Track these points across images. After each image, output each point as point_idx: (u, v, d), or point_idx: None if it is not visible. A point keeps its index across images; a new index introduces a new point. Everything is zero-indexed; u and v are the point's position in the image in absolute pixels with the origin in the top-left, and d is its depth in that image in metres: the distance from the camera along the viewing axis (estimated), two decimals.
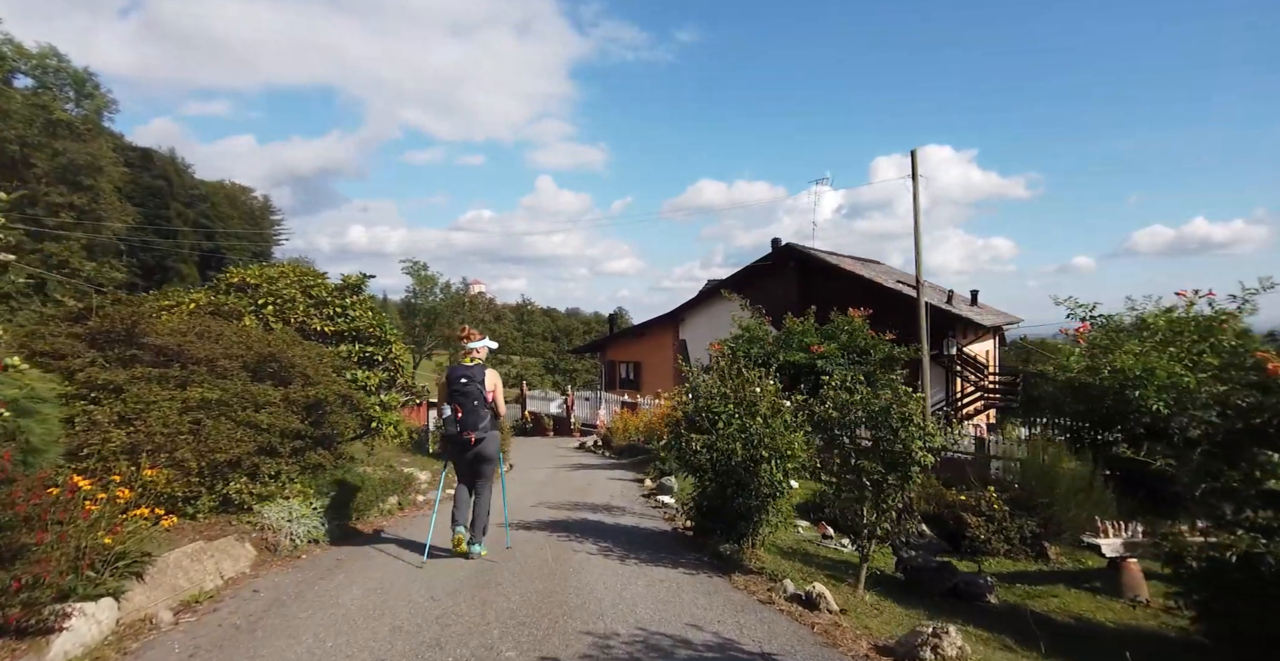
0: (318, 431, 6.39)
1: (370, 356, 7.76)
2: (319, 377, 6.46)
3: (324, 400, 6.28)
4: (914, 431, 3.90)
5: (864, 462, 3.96)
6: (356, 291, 8.00)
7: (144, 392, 5.18)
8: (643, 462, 14.01)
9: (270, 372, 6.25)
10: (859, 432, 4.47)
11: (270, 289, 7.39)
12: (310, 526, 5.81)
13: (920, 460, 3.89)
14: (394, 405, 7.87)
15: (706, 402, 5.36)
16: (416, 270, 49.10)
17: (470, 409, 4.91)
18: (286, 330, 6.97)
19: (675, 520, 7.34)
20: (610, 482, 11.06)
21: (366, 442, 8.23)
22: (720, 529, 5.15)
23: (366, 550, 5.79)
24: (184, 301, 7.15)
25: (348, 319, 7.70)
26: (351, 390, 6.90)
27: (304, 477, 6.31)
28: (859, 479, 4.16)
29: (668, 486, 9.21)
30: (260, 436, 5.64)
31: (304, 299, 7.52)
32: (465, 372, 4.99)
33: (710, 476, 5.06)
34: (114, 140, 44.43)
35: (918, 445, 3.87)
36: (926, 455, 3.90)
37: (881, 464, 3.94)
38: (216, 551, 4.83)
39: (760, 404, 5.28)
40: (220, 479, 5.43)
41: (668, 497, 8.79)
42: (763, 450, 5.02)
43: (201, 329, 6.09)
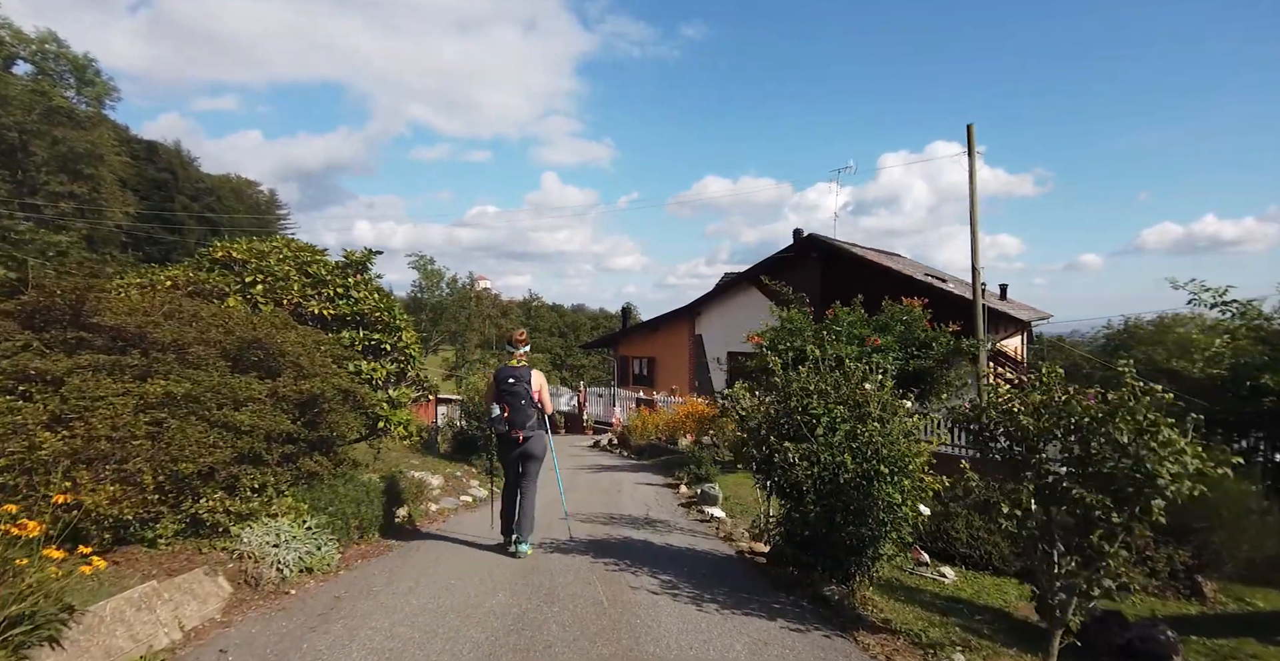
0: (313, 433, 5.23)
1: (377, 345, 6.59)
2: (315, 369, 5.28)
3: (321, 396, 5.11)
4: (1156, 448, 2.69)
5: (1076, 491, 2.77)
6: (361, 270, 6.81)
7: (90, 386, 4.00)
8: (668, 464, 12.83)
9: (255, 362, 5.07)
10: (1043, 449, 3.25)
11: (260, 265, 6.22)
12: (303, 551, 4.64)
13: (1168, 489, 2.68)
14: (404, 402, 6.71)
15: (801, 402, 4.17)
16: (423, 264, 47.96)
17: (517, 408, 4.93)
18: (278, 312, 5.80)
19: (736, 540, 6.16)
20: (640, 488, 9.88)
21: (372, 444, 7.07)
22: (823, 564, 3.98)
23: (371, 581, 4.62)
24: (159, 279, 5.97)
25: (350, 301, 6.52)
26: (354, 384, 5.74)
27: (296, 490, 5.15)
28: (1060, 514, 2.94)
29: (711, 496, 8.03)
30: (240, 440, 4.47)
31: (299, 277, 6.34)
32: (513, 373, 5.03)
33: (812, 497, 3.89)
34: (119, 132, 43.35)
35: (1168, 467, 2.66)
36: (1182, 480, 2.69)
37: (1100, 493, 2.75)
38: (176, 592, 3.66)
39: (870, 404, 4.09)
40: (187, 495, 4.26)
41: (715, 510, 7.61)
42: (880, 464, 3.84)
43: (170, 308, 4.91)
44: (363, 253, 6.80)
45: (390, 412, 6.40)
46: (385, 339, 6.57)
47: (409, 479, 7.63)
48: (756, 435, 4.50)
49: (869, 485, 3.84)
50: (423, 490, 7.59)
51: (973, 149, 11.19)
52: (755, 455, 4.48)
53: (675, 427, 15.41)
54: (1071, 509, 2.88)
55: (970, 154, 11.21)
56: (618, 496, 8.96)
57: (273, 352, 5.03)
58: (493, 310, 49.85)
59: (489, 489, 9.55)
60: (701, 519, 7.36)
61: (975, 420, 3.35)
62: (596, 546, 5.72)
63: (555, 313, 62.58)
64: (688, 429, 15.12)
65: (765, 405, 4.59)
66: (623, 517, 7.26)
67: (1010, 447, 3.16)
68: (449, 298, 48.24)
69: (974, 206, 11.29)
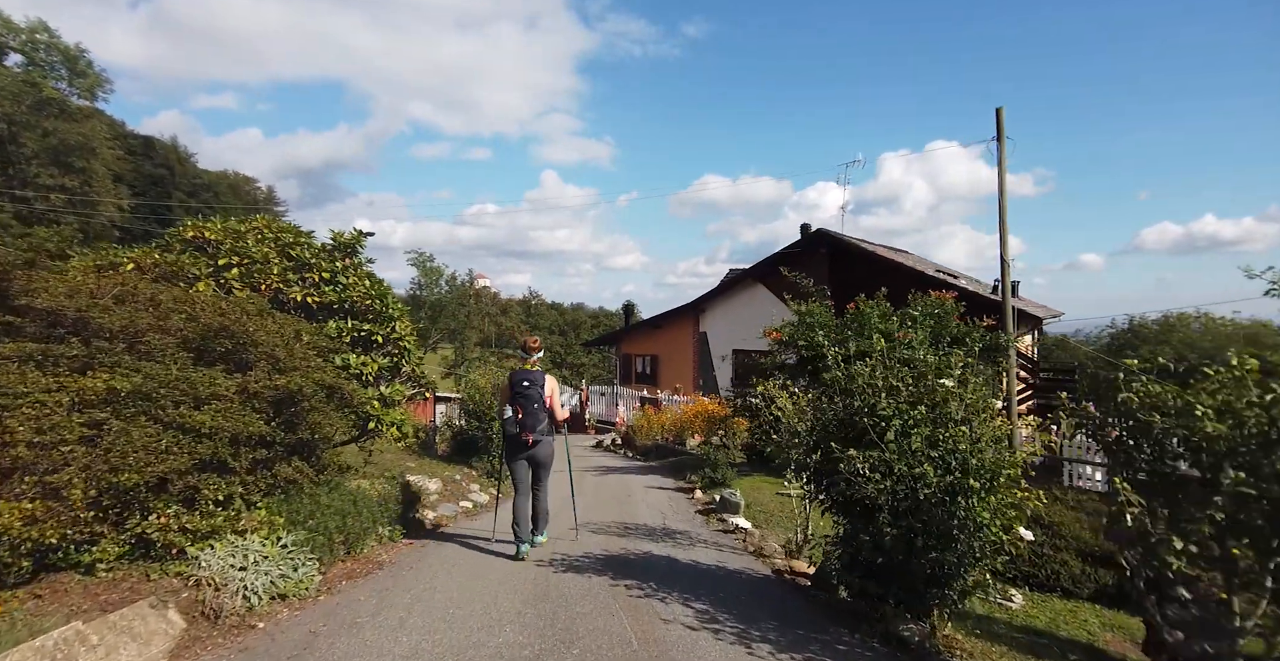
0: (291, 435, 4.51)
1: (367, 336, 5.86)
2: (294, 362, 4.56)
3: (300, 392, 4.39)
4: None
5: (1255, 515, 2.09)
6: (350, 253, 6.08)
7: (12, 380, 3.28)
8: (678, 466, 12.13)
9: (223, 353, 4.35)
10: None
11: (235, 247, 5.48)
12: (275, 574, 3.92)
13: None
14: (398, 400, 5.98)
15: (868, 401, 3.47)
16: (422, 261, 47.11)
17: (530, 411, 4.89)
18: (254, 298, 5.07)
19: (769, 556, 5.45)
20: (651, 493, 9.18)
21: (363, 447, 6.35)
22: (896, 596, 3.29)
23: (355, 610, 3.90)
24: (120, 260, 5.24)
25: (338, 288, 5.79)
26: (340, 379, 5.01)
27: (271, 502, 4.42)
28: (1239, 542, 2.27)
29: (732, 503, 7.33)
30: (201, 445, 3.75)
31: (280, 261, 5.61)
32: (527, 376, 5.01)
33: (887, 516, 3.19)
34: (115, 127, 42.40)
35: None
36: None
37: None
38: (109, 633, 2.94)
39: (950, 403, 3.40)
40: (134, 510, 3.54)
41: (738, 519, 6.90)
42: (969, 477, 3.14)
43: (123, 291, 4.18)
44: (352, 234, 6.06)
45: (382, 412, 5.68)
46: (377, 329, 5.84)
47: (403, 485, 6.92)
48: (809, 440, 3.79)
49: (953, 501, 3.15)
50: (419, 496, 6.88)
51: (1002, 134, 10.50)
52: (808, 464, 3.77)
53: (683, 427, 14.71)
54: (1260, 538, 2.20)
55: (999, 139, 10.51)
56: (629, 502, 8.26)
57: (243, 343, 4.30)
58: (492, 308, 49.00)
59: (492, 494, 8.88)
60: (725, 529, 6.65)
61: (1132, 427, 2.63)
62: (614, 564, 5.02)
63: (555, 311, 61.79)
64: (696, 429, 14.42)
65: (819, 405, 3.88)
66: (638, 528, 6.56)
67: (1173, 462, 2.47)
68: (448, 295, 47.39)
69: (1003, 196, 10.59)
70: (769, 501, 8.18)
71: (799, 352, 9.79)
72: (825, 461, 3.62)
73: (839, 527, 3.79)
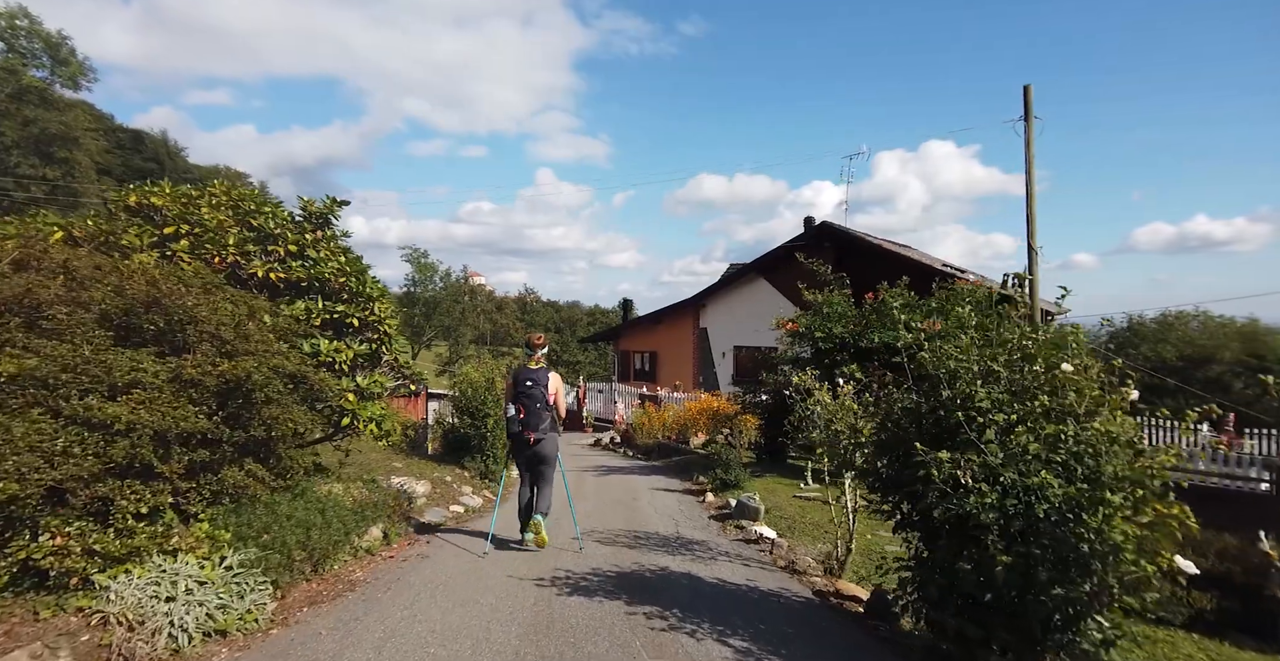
0: (242, 433, 3.70)
1: (341, 319, 5.05)
2: (246, 344, 3.76)
3: (252, 381, 3.59)
4: None
5: None
6: (322, 224, 5.27)
7: None
8: (683, 466, 11.37)
9: (155, 334, 3.54)
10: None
11: (184, 213, 4.66)
12: (214, 605, 3.12)
13: None
14: (378, 392, 5.17)
15: (962, 389, 2.71)
16: (416, 258, 46.20)
17: (533, 410, 4.84)
18: (203, 271, 4.25)
19: (805, 573, 4.68)
20: (659, 496, 8.40)
21: (338, 446, 5.55)
22: (1003, 642, 2.52)
23: (312, 650, 3.10)
24: (50, 229, 4.41)
25: (307, 263, 4.99)
26: (305, 367, 4.21)
27: (216, 513, 3.63)
28: None
29: (751, 508, 6.56)
30: (115, 444, 2.95)
31: (239, 230, 4.80)
32: (531, 376, 4.92)
33: (997, 540, 2.42)
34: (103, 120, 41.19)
35: None
36: None
37: None
38: None
39: (1068, 394, 2.63)
40: (23, 528, 2.74)
41: (760, 527, 6.13)
42: (1103, 489, 2.39)
43: (24, 254, 3.37)
44: (325, 202, 5.25)
45: (358, 405, 4.88)
46: (353, 311, 5.03)
47: (386, 488, 6.11)
48: (875, 440, 3.02)
49: (1079, 520, 2.39)
50: (403, 501, 6.08)
51: (1030, 113, 9.79)
52: (875, 470, 3.00)
53: (686, 425, 13.95)
54: None
55: (1027, 118, 9.80)
56: (636, 506, 7.49)
57: (180, 320, 3.49)
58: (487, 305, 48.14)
59: (486, 496, 8.09)
60: (746, 539, 5.88)
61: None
62: (628, 583, 4.24)
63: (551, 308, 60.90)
64: (700, 427, 13.67)
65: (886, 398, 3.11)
66: (650, 537, 5.78)
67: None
68: (442, 292, 46.47)
69: (1031, 179, 9.88)
70: (788, 506, 7.43)
71: (815, 345, 9.06)
72: (901, 467, 2.86)
73: (911, 547, 3.02)
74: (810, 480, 8.84)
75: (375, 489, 5.65)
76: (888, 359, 8.56)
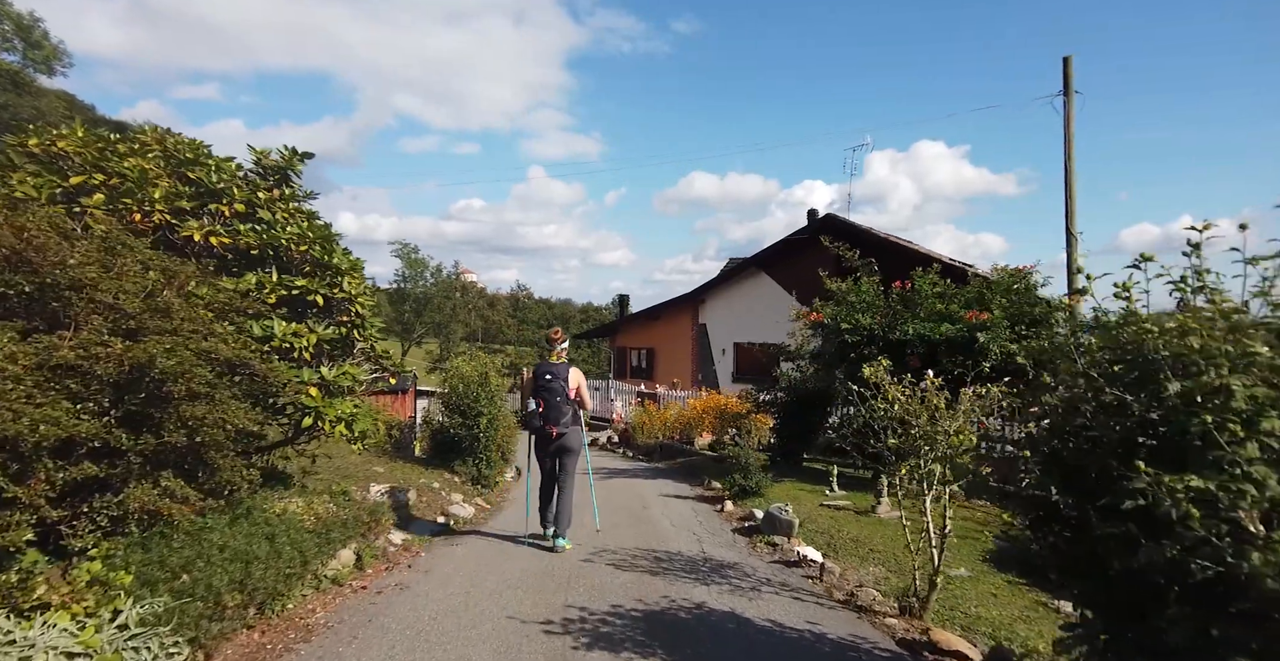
0: (151, 439, 2.72)
1: (302, 296, 4.06)
2: (160, 321, 2.77)
3: (162, 368, 2.61)
4: None
5: None
6: (280, 181, 4.28)
7: None
8: (690, 469, 10.46)
9: (21, 302, 2.55)
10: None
11: (98, 162, 3.65)
12: None
13: None
14: (348, 386, 4.19)
15: (1211, 381, 1.80)
16: (406, 253, 44.90)
17: (553, 404, 4.71)
18: (115, 229, 3.25)
19: (876, 610, 3.74)
20: (670, 503, 7.48)
21: (302, 450, 4.57)
22: None
23: None
24: None
25: (260, 227, 3.99)
26: (249, 352, 3.23)
27: (113, 548, 2.64)
28: None
29: (783, 521, 5.64)
30: None
31: (170, 183, 3.79)
32: (551, 369, 4.83)
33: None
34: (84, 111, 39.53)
35: None
36: None
37: None
38: None
39: None
40: None
41: (799, 545, 5.22)
42: None
43: None
44: (283, 154, 4.26)
45: (323, 402, 3.91)
46: (316, 286, 4.04)
47: (360, 501, 5.13)
48: (1055, 455, 2.10)
49: None
50: (380, 516, 5.09)
51: (1070, 87, 8.95)
52: (1045, 498, 2.09)
53: (691, 425, 13.04)
54: None
55: (1067, 93, 8.96)
56: (647, 517, 6.55)
57: (58, 284, 2.51)
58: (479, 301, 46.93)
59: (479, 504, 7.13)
60: (785, 560, 4.96)
61: None
62: (660, 630, 3.29)
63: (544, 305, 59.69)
64: (706, 426, 12.77)
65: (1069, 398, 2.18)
66: (673, 559, 4.85)
67: None
68: (433, 288, 45.20)
69: (1070, 158, 9.04)
70: (819, 517, 6.52)
71: (840, 337, 8.17)
72: (1081, 494, 1.94)
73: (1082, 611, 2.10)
74: (835, 486, 7.95)
75: (346, 503, 4.66)
76: (925, 352, 7.70)
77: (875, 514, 6.73)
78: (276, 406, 3.99)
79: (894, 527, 6.43)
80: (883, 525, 6.40)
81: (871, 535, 5.89)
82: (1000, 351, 7.04)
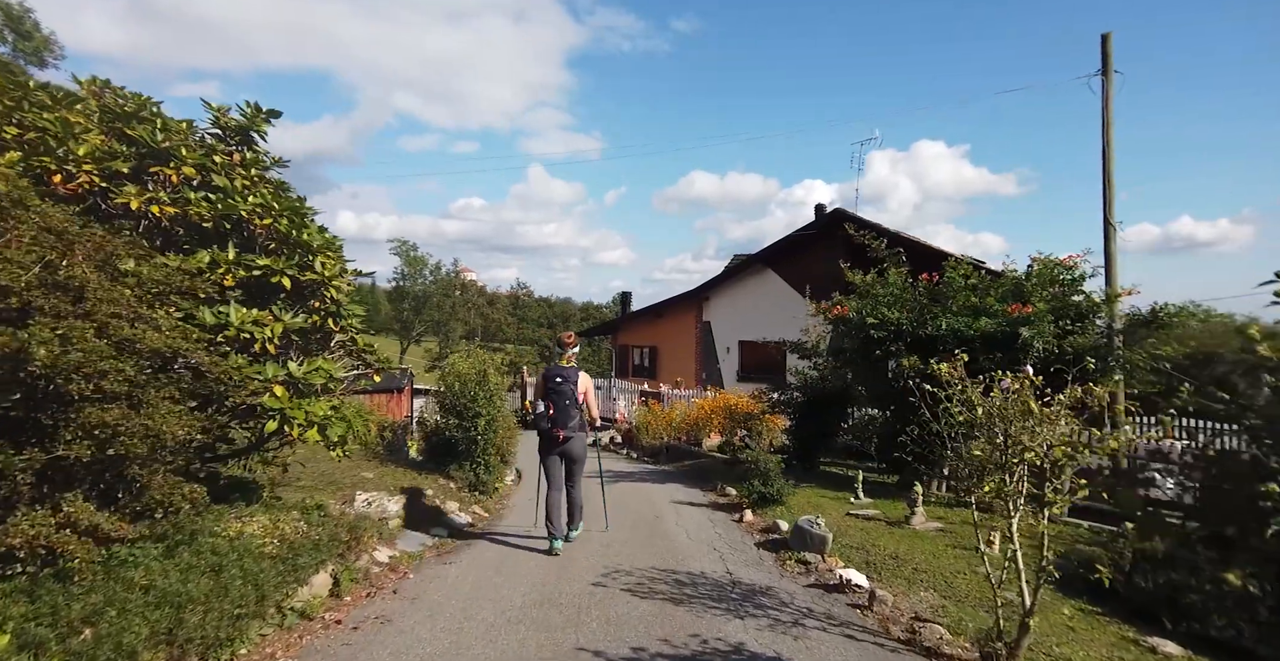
0: (39, 455, 2.06)
1: (265, 277, 3.40)
2: (57, 299, 2.12)
3: (51, 363, 1.95)
4: None
5: None
6: (241, 142, 3.62)
7: None
8: (698, 472, 9.83)
9: None
10: None
11: (10, 111, 2.99)
12: None
13: None
14: (320, 384, 3.53)
15: None
16: (405, 251, 44.16)
17: (562, 408, 4.67)
18: (10, 184, 2.59)
19: (942, 654, 3.11)
20: (683, 511, 6.84)
21: (271, 458, 3.92)
22: None
23: None
24: None
25: (215, 196, 3.33)
26: (185, 343, 2.58)
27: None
28: None
29: (815, 536, 5.00)
30: None
31: (102, 140, 3.14)
32: (561, 373, 4.81)
33: None
34: None
35: None
36: None
37: None
38: None
39: None
40: None
41: (837, 566, 4.58)
42: None
43: None
44: (246, 112, 3.61)
45: (290, 404, 3.26)
46: (282, 266, 3.39)
47: (339, 515, 4.48)
48: None
49: None
50: (362, 533, 4.44)
51: (1109, 66, 8.31)
52: None
53: (699, 425, 12.40)
54: None
55: (1106, 73, 8.32)
56: (661, 528, 5.91)
57: None
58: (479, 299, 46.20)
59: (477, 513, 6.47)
60: (824, 584, 4.31)
61: None
62: None
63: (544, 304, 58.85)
64: (714, 427, 12.13)
65: None
66: (696, 582, 4.21)
67: None
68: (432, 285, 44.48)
69: (1109, 143, 8.39)
70: (850, 529, 5.88)
71: (865, 332, 7.53)
72: None
73: None
74: (861, 493, 7.31)
75: (321, 519, 4.01)
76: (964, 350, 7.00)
77: (910, 525, 6.10)
78: (240, 409, 3.35)
79: (933, 542, 5.81)
80: (920, 538, 5.76)
81: (911, 551, 5.25)
82: (1044, 348, 6.41)
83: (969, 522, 6.02)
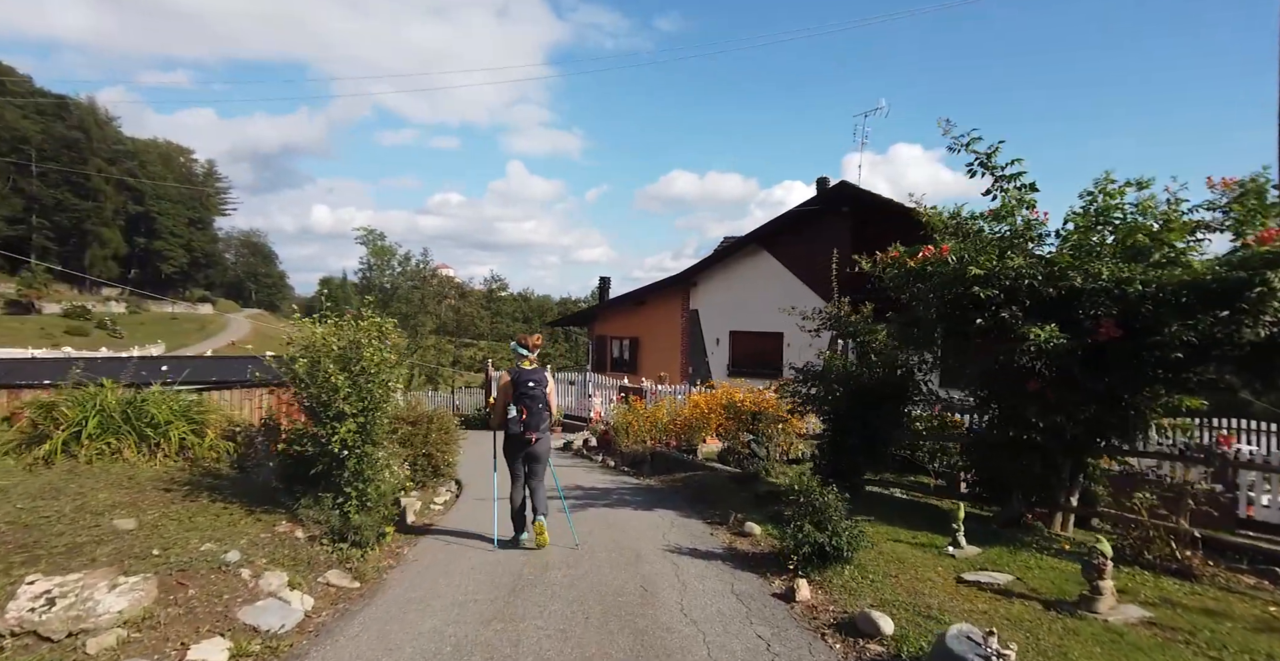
0: None
1: None
2: None
3: None
4: None
5: None
6: None
7: None
8: (694, 490, 7.07)
9: None
10: None
11: None
12: None
13: None
14: None
15: None
16: (372, 240, 40.54)
17: (535, 411, 4.67)
18: None
19: None
20: (686, 569, 4.03)
21: None
22: None
23: None
24: None
25: None
26: None
27: None
28: None
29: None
30: None
31: None
32: (532, 376, 4.75)
33: None
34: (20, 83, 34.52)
35: None
36: None
37: None
38: None
39: None
40: None
41: None
42: None
43: None
44: None
45: None
46: None
47: None
48: None
49: None
50: None
51: None
52: None
53: (693, 426, 9.57)
54: None
55: None
56: (655, 619, 3.06)
57: None
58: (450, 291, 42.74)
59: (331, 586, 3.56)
60: None
61: None
62: None
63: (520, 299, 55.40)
64: (713, 428, 9.33)
65: None
66: None
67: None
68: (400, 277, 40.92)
69: None
70: (980, 620, 3.11)
71: (955, 290, 4.77)
72: None
73: None
74: (962, 538, 4.53)
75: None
76: (1117, 313, 4.32)
77: (1095, 613, 3.34)
78: None
79: (1160, 654, 2.91)
80: (1130, 647, 3.01)
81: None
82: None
83: (1208, 610, 3.28)
